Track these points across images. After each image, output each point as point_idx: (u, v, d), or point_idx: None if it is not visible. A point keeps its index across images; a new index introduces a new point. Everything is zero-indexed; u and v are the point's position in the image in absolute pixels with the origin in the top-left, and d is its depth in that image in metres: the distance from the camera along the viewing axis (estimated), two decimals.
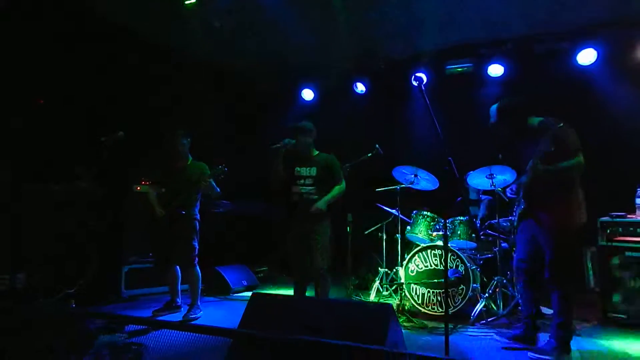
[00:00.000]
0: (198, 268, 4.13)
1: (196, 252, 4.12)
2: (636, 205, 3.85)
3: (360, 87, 6.35)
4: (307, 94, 6.64)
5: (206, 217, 5.54)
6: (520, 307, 3.51)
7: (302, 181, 3.73)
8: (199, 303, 4.11)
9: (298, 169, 3.78)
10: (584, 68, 5.23)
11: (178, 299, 4.22)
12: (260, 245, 6.44)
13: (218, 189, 4.21)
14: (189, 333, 2.31)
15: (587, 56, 5.16)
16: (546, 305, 3.72)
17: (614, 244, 3.83)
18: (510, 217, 3.36)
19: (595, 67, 5.18)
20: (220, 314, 4.36)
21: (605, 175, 4.69)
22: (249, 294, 2.93)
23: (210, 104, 6.01)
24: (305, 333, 2.10)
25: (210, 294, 5.03)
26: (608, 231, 3.87)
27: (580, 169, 2.91)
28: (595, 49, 5.10)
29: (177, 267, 4.19)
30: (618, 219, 3.85)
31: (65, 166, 4.43)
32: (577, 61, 5.21)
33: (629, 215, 3.86)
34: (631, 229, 3.77)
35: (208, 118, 5.81)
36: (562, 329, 2.93)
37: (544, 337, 3.14)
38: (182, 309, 4.13)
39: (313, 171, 3.74)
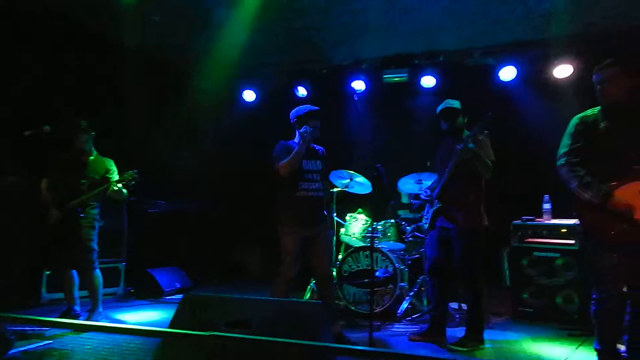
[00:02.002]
0: (99, 271, 3.82)
1: (96, 255, 3.79)
2: (543, 210, 4.27)
3: (301, 91, 6.45)
4: (249, 95, 6.64)
5: (140, 218, 5.42)
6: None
7: (310, 176, 3.34)
8: (100, 309, 3.84)
9: (305, 161, 3.32)
10: (505, 84, 5.72)
11: (76, 307, 3.84)
12: (202, 245, 6.35)
13: (125, 193, 3.87)
14: (115, 335, 2.28)
15: (508, 73, 5.64)
16: (456, 301, 4.02)
17: (525, 245, 4.23)
18: (424, 219, 3.61)
19: (515, 83, 5.68)
20: (150, 317, 4.25)
21: (518, 183, 5.16)
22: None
23: (146, 100, 5.84)
24: (235, 332, 2.15)
25: (141, 297, 4.89)
26: (519, 233, 4.26)
27: (489, 172, 3.19)
28: (515, 67, 5.58)
29: (74, 271, 3.83)
30: (528, 222, 4.26)
31: None
32: (499, 77, 5.69)
33: (537, 219, 4.27)
34: (539, 231, 4.18)
35: (141, 115, 5.65)
36: (473, 322, 3.21)
37: (453, 331, 3.42)
38: (82, 317, 3.80)
39: (318, 164, 3.42)
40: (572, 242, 3.95)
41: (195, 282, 5.58)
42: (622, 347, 2.67)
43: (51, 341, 3.07)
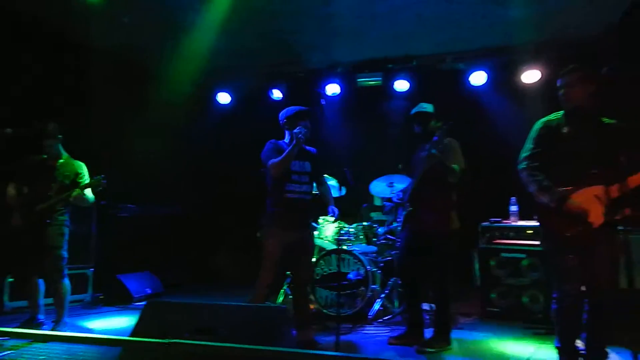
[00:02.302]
0: (67, 280, 3.70)
1: (65, 262, 3.68)
2: (510, 212, 4.38)
3: (276, 94, 6.45)
4: (223, 98, 6.60)
5: (110, 222, 5.31)
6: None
7: (297, 177, 3.27)
8: (66, 319, 3.71)
9: (294, 162, 3.23)
10: (476, 88, 5.84)
11: (40, 315, 3.70)
12: (176, 249, 6.26)
13: (92, 199, 3.78)
14: (75, 345, 2.23)
15: (478, 78, 5.77)
16: (427, 302, 4.08)
17: (492, 246, 4.33)
18: (396, 222, 3.66)
19: (485, 88, 5.81)
20: (118, 323, 4.16)
21: (486, 185, 5.27)
22: None
23: (116, 102, 5.74)
24: (199, 337, 2.14)
25: (110, 303, 4.78)
26: (487, 235, 4.36)
27: (457, 177, 3.26)
28: (485, 72, 5.71)
29: (40, 279, 3.71)
30: (496, 224, 4.36)
31: None
32: (470, 82, 5.81)
33: (504, 221, 4.38)
34: (506, 232, 4.29)
35: (113, 117, 5.55)
36: (441, 323, 3.27)
37: (428, 332, 3.47)
38: (46, 326, 3.68)
39: (308, 166, 3.35)
40: (537, 243, 4.05)
41: (169, 287, 5.51)
42: (581, 345, 2.76)
43: (11, 352, 2.98)
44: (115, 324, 4.13)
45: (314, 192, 3.44)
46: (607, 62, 5.00)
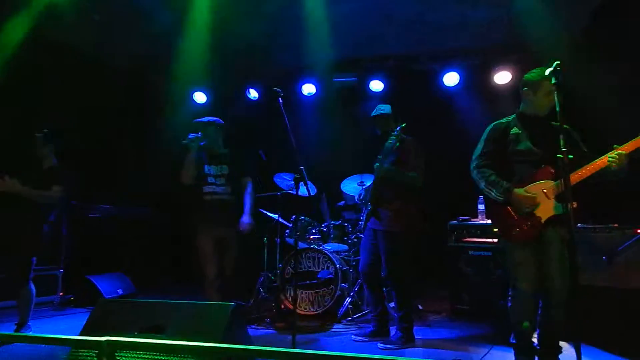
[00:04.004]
0: (32, 285, 3.63)
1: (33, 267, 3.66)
2: (478, 211, 4.44)
3: (253, 94, 6.45)
4: (199, 97, 6.58)
5: (81, 223, 5.26)
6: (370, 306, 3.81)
7: (212, 180, 3.61)
8: (29, 323, 3.63)
9: (207, 167, 3.63)
10: (449, 89, 5.91)
11: None
12: (150, 250, 6.22)
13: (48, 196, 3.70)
14: (24, 345, 2.22)
15: (451, 78, 5.83)
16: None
17: (461, 244, 4.39)
18: (360, 222, 3.70)
19: (458, 88, 5.88)
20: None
21: (456, 184, 5.33)
22: None
23: (96, 103, 5.70)
24: (148, 336, 2.14)
25: (80, 305, 4.73)
26: (456, 233, 4.42)
27: (415, 183, 3.30)
28: (457, 73, 5.78)
29: None
30: (464, 223, 4.42)
31: None
32: (443, 82, 5.87)
33: (472, 219, 4.44)
34: (473, 231, 4.35)
35: (93, 117, 5.51)
36: (403, 321, 3.30)
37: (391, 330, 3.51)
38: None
39: (224, 169, 3.66)
40: None
41: (142, 288, 5.46)
42: (536, 341, 2.82)
43: None
44: (79, 325, 4.09)
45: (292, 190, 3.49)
46: (574, 65, 5.14)
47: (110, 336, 2.03)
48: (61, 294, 4.87)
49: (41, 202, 3.65)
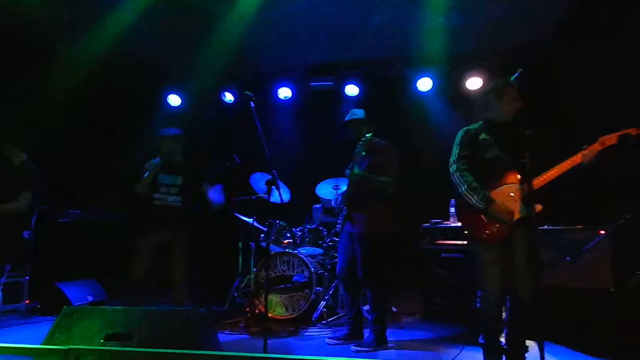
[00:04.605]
0: None
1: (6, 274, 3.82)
2: (450, 214, 4.53)
3: (228, 97, 6.41)
4: (174, 100, 6.49)
5: (49, 228, 5.10)
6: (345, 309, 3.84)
7: (164, 189, 3.82)
8: None
9: (162, 175, 3.83)
10: (423, 94, 6.01)
11: None
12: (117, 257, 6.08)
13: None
14: None
15: (425, 84, 5.93)
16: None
17: (433, 246, 4.46)
18: (337, 225, 3.72)
19: (431, 94, 5.99)
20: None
21: (429, 187, 5.43)
22: None
23: (66, 104, 5.56)
24: (115, 344, 2.10)
25: (47, 313, 4.57)
26: (429, 236, 4.49)
27: (388, 187, 3.35)
28: (430, 78, 5.89)
29: None
30: (436, 225, 4.50)
31: None
32: (417, 87, 5.97)
33: (444, 222, 4.52)
34: (445, 233, 4.43)
35: (63, 120, 5.37)
36: (377, 324, 3.34)
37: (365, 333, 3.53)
38: None
39: (178, 180, 3.84)
40: None
41: (114, 294, 5.33)
42: (504, 340, 2.89)
43: None
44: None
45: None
46: (544, 71, 5.32)
47: (75, 344, 1.99)
48: (27, 301, 4.70)
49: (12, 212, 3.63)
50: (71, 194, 5.75)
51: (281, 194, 3.20)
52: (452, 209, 4.53)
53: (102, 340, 2.10)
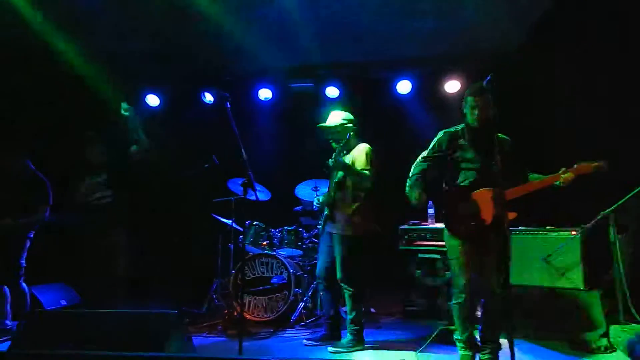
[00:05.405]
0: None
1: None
2: (428, 215, 4.58)
3: (208, 97, 6.36)
4: (152, 100, 6.40)
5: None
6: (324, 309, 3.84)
7: (91, 188, 3.97)
8: None
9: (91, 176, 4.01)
10: (402, 96, 6.07)
11: (7, 321, 4.04)
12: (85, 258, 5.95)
13: None
14: None
15: (404, 86, 5.99)
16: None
17: (412, 247, 4.50)
18: (318, 226, 3.74)
19: (410, 96, 6.05)
20: None
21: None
22: None
23: (39, 103, 5.42)
24: (83, 347, 2.05)
25: (19, 317, 4.44)
26: (406, 237, 4.54)
27: (366, 181, 3.38)
28: (410, 81, 5.95)
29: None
30: (414, 227, 4.55)
31: None
32: (397, 90, 6.02)
33: (422, 223, 4.58)
34: (423, 234, 4.48)
35: (35, 119, 5.24)
36: (354, 324, 3.35)
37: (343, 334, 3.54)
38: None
39: (104, 178, 4.01)
40: None
41: (89, 298, 5.20)
42: (478, 337, 2.94)
43: None
44: None
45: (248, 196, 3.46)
46: (520, 75, 5.44)
47: (41, 349, 1.94)
48: None
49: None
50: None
51: (257, 195, 3.15)
52: (430, 210, 4.59)
53: (71, 345, 2.05)
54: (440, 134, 3.07)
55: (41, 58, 5.21)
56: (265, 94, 6.24)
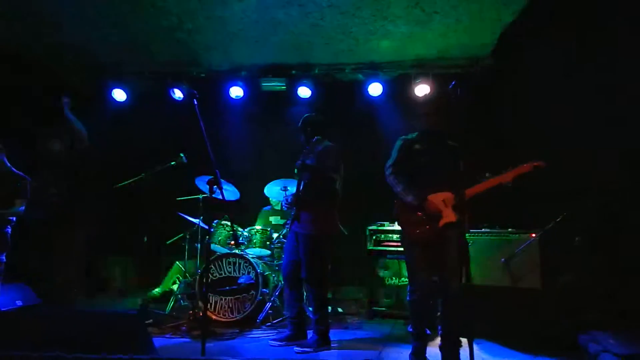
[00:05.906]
0: None
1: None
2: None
3: (178, 94, 6.23)
4: (119, 94, 6.22)
5: None
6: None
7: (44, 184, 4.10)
8: None
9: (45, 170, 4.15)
10: (374, 98, 6.13)
11: None
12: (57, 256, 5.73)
13: None
14: None
15: (375, 89, 6.06)
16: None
17: (379, 248, 4.56)
18: (286, 226, 3.75)
19: (382, 99, 6.12)
20: None
21: (377, 190, 5.55)
22: None
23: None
24: (48, 348, 1.98)
25: None
26: (374, 238, 4.59)
27: (332, 181, 3.44)
28: (381, 84, 6.02)
29: None
30: (382, 228, 4.61)
31: None
32: (368, 92, 6.08)
33: (390, 225, 4.64)
34: (390, 235, 4.55)
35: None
36: (319, 324, 3.37)
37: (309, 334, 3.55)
38: None
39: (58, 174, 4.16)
40: None
41: (48, 298, 5.01)
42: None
43: None
44: None
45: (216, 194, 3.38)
46: (485, 81, 5.60)
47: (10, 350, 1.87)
48: None
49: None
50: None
51: (223, 194, 3.12)
52: None
53: (30, 346, 1.97)
54: (399, 142, 3.18)
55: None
56: (236, 92, 6.17)
